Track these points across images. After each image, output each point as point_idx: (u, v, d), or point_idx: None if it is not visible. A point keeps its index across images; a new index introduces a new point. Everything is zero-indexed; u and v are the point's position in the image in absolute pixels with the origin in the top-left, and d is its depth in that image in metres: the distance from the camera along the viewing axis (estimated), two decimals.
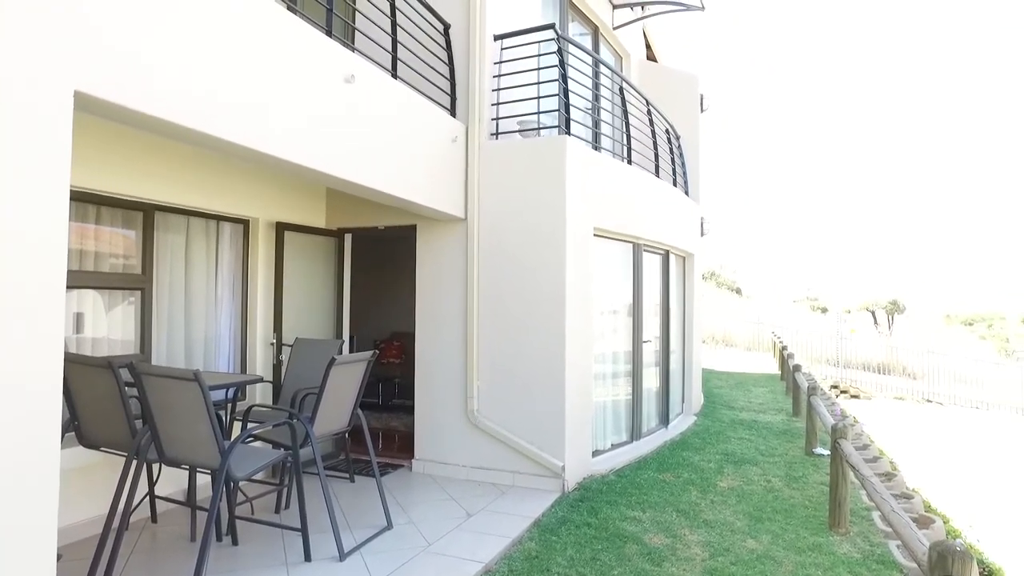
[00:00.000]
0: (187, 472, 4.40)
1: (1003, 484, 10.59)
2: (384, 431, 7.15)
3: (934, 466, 11.43)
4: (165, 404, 3.45)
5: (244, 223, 5.76)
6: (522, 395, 5.62)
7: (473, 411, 5.75)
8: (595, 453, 6.17)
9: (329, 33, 4.13)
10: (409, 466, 6.10)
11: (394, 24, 5.14)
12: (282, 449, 4.40)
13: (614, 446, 6.59)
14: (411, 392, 6.25)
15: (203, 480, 4.73)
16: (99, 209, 4.55)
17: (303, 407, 4.52)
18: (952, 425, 15.78)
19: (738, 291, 35.21)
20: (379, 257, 8.69)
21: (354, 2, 5.14)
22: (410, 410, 6.24)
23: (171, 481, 4.69)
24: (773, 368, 16.83)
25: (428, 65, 5.56)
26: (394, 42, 5.14)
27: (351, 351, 7.12)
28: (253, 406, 4.86)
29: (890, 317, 43.71)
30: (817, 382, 12.76)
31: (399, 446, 6.74)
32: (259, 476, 4.51)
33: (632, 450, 6.66)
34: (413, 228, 6.14)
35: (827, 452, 6.31)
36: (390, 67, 5.05)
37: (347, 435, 4.85)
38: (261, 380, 4.77)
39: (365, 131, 4.42)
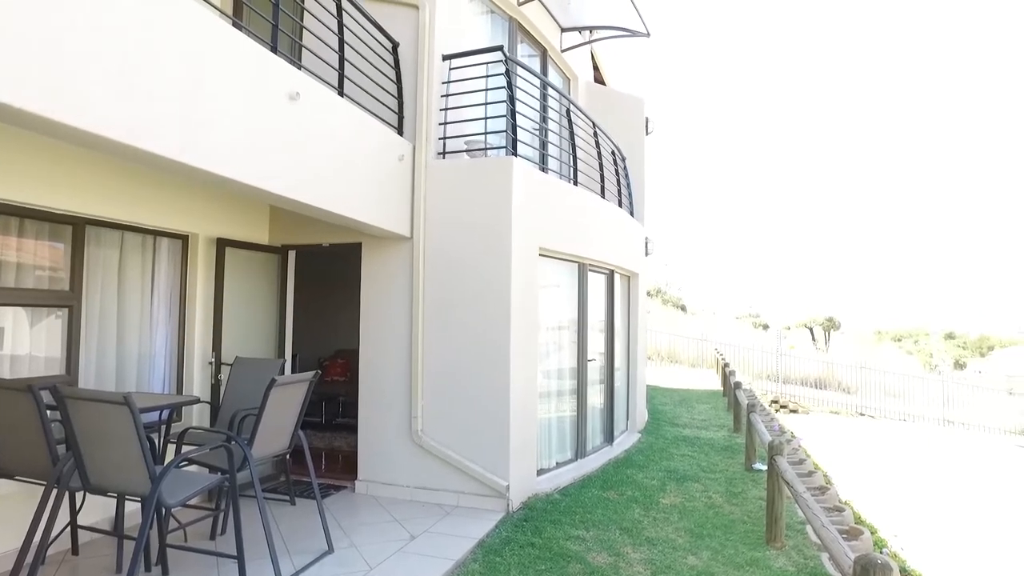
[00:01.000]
0: (115, 500, 4.21)
1: (925, 493, 11.12)
2: (327, 451, 7.01)
3: (865, 477, 11.91)
4: (92, 429, 3.31)
5: (183, 238, 5.60)
6: (467, 414, 5.61)
7: (418, 431, 5.70)
8: (540, 472, 6.19)
9: (274, 50, 4.09)
10: (352, 487, 5.99)
11: (341, 42, 5.12)
12: (219, 473, 4.26)
13: (559, 464, 6.63)
14: (356, 411, 6.15)
15: (132, 507, 4.52)
16: (22, 222, 4.34)
17: (242, 429, 4.40)
18: (882, 437, 16.48)
19: (683, 308, 35.99)
20: (324, 274, 8.56)
21: (302, 19, 5.09)
22: (355, 429, 6.15)
23: (96, 509, 4.47)
24: (716, 384, 17.25)
25: (376, 84, 5.56)
26: (341, 60, 5.12)
27: (294, 369, 6.98)
28: (189, 428, 4.70)
29: (827, 333, 45.51)
30: (757, 398, 13.15)
31: (343, 467, 6.62)
32: (194, 501, 4.34)
33: (577, 468, 6.71)
34: (359, 246, 6.08)
35: (766, 467, 6.50)
36: (337, 85, 5.03)
37: (288, 456, 4.74)
38: (198, 401, 4.64)
39: (309, 149, 4.38)
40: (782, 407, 18.82)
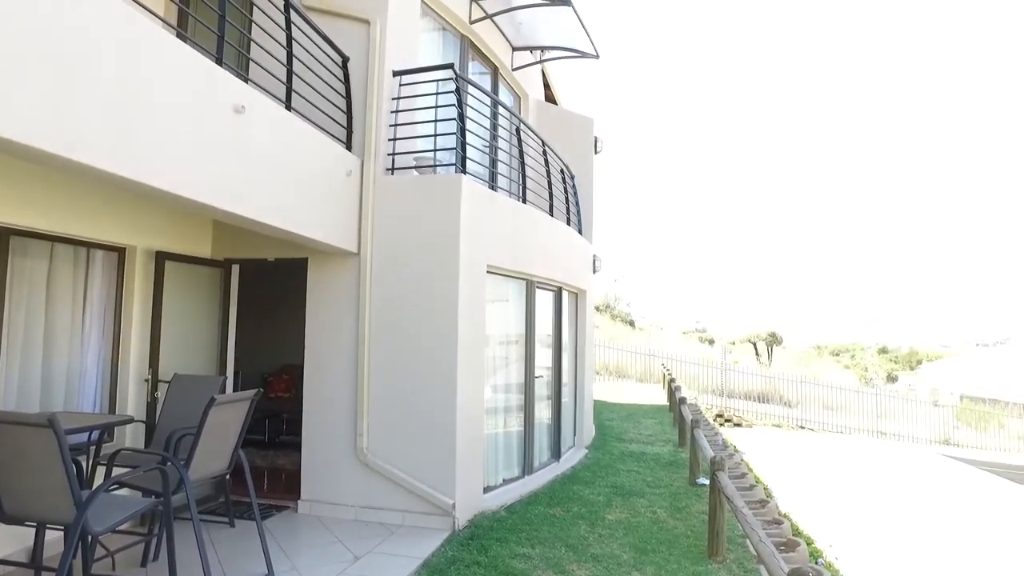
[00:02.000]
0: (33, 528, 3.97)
1: (859, 502, 11.54)
2: (270, 470, 6.82)
3: (805, 488, 12.29)
4: (9, 453, 3.14)
5: (119, 251, 5.41)
6: (413, 432, 5.56)
7: (363, 448, 5.62)
8: (487, 489, 6.18)
9: (219, 62, 4.02)
10: (295, 507, 5.85)
11: (290, 55, 5.07)
12: (153, 496, 4.10)
13: (506, 481, 6.63)
14: (301, 428, 6.02)
15: (54, 535, 4.25)
16: None
17: (179, 449, 4.25)
18: (821, 449, 17.05)
19: (632, 323, 36.59)
20: (270, 288, 8.36)
21: (250, 32, 5.02)
22: (299, 447, 6.01)
23: (12, 539, 4.16)
24: (663, 399, 17.55)
25: (325, 98, 5.52)
26: (289, 73, 5.07)
27: (236, 386, 6.79)
28: (121, 450, 4.51)
29: (769, 348, 46.95)
30: (702, 413, 13.45)
31: (286, 486, 6.45)
32: (125, 526, 4.15)
33: (523, 485, 6.72)
34: (305, 260, 5.99)
35: (709, 482, 6.65)
36: (285, 99, 4.97)
37: (228, 477, 4.60)
38: (131, 420, 4.46)
39: (254, 163, 4.30)
40: (726, 421, 19.26)
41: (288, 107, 4.95)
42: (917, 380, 33.77)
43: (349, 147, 5.77)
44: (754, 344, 46.54)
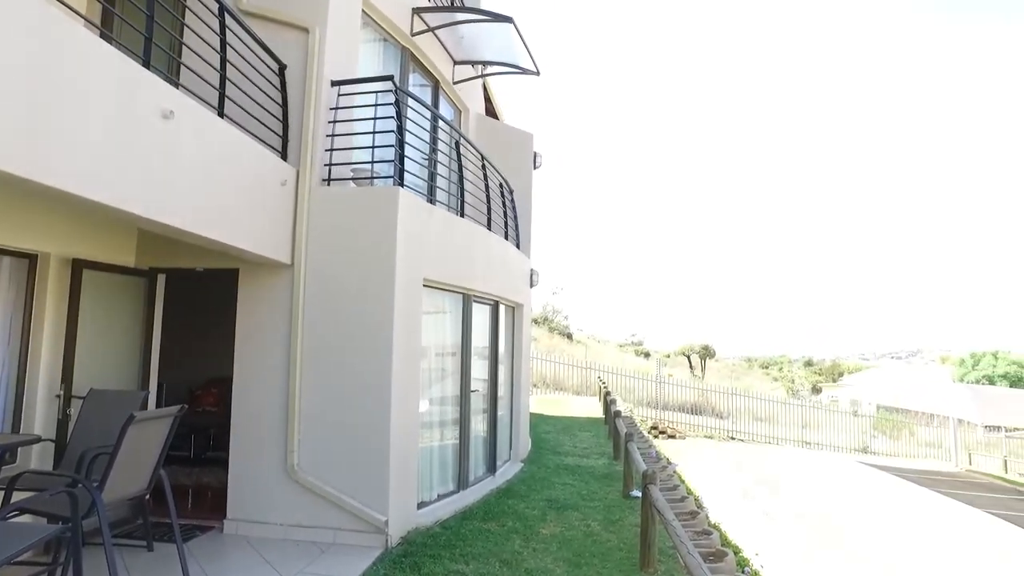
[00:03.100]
0: None
1: (785, 510, 12.01)
2: (195, 488, 6.55)
3: (734, 498, 12.70)
4: None
5: (30, 258, 5.10)
6: (346, 447, 5.45)
7: (293, 465, 5.46)
8: (421, 504, 6.10)
9: (147, 64, 3.87)
10: (221, 527, 5.61)
11: (223, 61, 4.93)
12: (60, 522, 3.85)
13: (440, 496, 6.57)
14: (229, 444, 5.80)
15: None
16: None
17: (92, 470, 4.02)
18: (750, 459, 17.66)
19: (570, 336, 36.99)
20: (198, 299, 8.06)
21: (181, 35, 4.85)
22: (227, 464, 5.78)
23: None
24: (600, 412, 17.80)
25: (261, 106, 5.38)
26: (222, 79, 4.92)
27: (160, 401, 6.50)
28: (25, 472, 4.22)
29: (703, 361, 48.35)
30: (637, 425, 13.70)
31: (211, 505, 6.18)
32: (26, 556, 3.88)
33: (459, 500, 6.68)
34: (236, 271, 5.80)
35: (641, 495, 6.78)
36: (217, 105, 4.82)
37: (148, 497, 4.37)
38: (38, 440, 4.19)
39: (183, 170, 4.14)
40: (661, 432, 19.70)
41: (221, 114, 4.80)
42: (839, 392, 35.47)
43: (284, 157, 5.64)
44: (688, 357, 47.83)
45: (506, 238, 8.58)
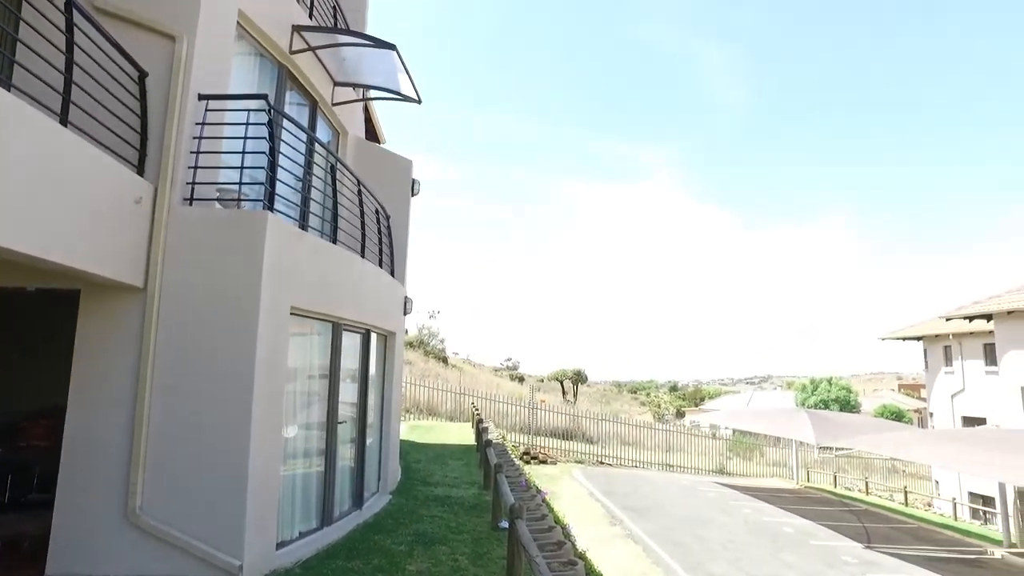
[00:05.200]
0: None
1: (649, 530, 12.58)
2: (9, 539, 5.77)
3: (601, 523, 13.12)
4: None
5: None
6: (199, 487, 5.05)
7: (135, 508, 4.97)
8: (280, 544, 5.77)
9: None
10: None
11: (70, 63, 4.51)
12: None
13: (302, 534, 6.25)
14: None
15: None
16: None
17: None
18: (618, 482, 18.35)
19: (445, 360, 36.83)
20: (32, 320, 7.26)
21: (16, 31, 4.38)
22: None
23: None
24: (473, 438, 17.80)
25: (115, 115, 4.96)
26: (68, 83, 4.50)
27: None
28: None
29: (575, 386, 49.85)
30: (508, 453, 13.81)
31: (29, 558, 5.44)
32: None
33: (322, 537, 6.38)
34: (77, 293, 5.27)
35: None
36: (60, 112, 4.39)
37: None
38: None
39: (10, 181, 3.71)
40: (533, 458, 20.01)
41: (64, 122, 4.38)
42: (700, 416, 37.93)
43: (141, 172, 5.23)
44: (561, 382, 49.16)
45: (380, 265, 8.44)
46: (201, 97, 5.62)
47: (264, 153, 5.61)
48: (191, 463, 5.08)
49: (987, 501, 21.65)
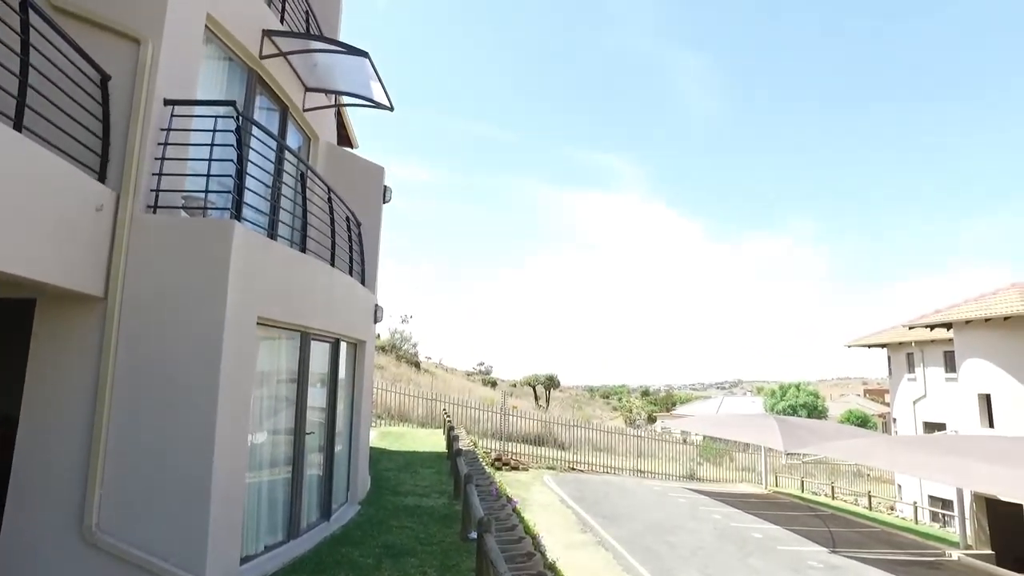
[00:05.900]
0: None
1: (620, 537, 12.63)
2: None
3: (573, 530, 13.13)
4: None
5: None
6: (159, 504, 4.91)
7: (91, 526, 4.82)
8: (245, 559, 5.65)
9: None
10: None
11: (25, 64, 4.35)
12: None
13: (268, 548, 6.13)
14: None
15: None
16: None
17: None
18: (590, 489, 18.38)
19: (417, 364, 36.60)
20: None
21: None
22: None
23: None
24: (444, 445, 17.69)
25: (75, 120, 4.82)
26: (23, 86, 4.34)
27: None
28: None
29: (548, 391, 49.90)
30: (479, 461, 13.76)
31: None
32: None
33: (289, 551, 6.27)
34: (32, 302, 5.11)
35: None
36: (14, 116, 4.25)
37: None
38: None
39: None
40: (504, 464, 19.93)
41: (19, 126, 4.24)
42: (671, 422, 38.24)
43: (103, 179, 5.09)
44: (533, 387, 49.17)
45: (351, 273, 8.35)
46: (167, 102, 5.49)
47: (232, 160, 5.50)
48: (151, 479, 4.94)
49: (946, 504, 22.25)
